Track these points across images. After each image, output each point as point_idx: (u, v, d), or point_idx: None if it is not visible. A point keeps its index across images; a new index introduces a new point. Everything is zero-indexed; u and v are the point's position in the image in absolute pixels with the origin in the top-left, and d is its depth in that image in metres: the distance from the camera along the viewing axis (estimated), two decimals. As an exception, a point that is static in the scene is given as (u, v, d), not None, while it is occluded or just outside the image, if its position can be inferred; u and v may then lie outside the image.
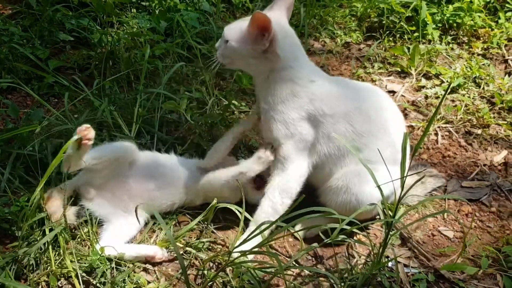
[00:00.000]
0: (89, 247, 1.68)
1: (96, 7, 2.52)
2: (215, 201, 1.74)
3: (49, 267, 1.56)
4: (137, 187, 1.79)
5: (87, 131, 1.60)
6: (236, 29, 1.72)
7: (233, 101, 2.38)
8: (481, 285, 1.69)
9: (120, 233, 1.72)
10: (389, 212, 1.60)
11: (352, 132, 1.72)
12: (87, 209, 1.76)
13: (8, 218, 1.68)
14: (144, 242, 1.76)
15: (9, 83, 2.42)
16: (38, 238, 1.62)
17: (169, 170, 1.86)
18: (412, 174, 1.69)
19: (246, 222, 1.72)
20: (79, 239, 1.71)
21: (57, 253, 1.61)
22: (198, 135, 2.09)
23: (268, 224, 1.55)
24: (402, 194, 1.53)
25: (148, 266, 1.66)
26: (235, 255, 1.57)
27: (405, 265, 1.75)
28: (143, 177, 1.81)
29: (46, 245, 1.59)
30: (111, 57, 2.62)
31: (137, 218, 1.69)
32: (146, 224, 1.82)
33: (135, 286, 1.56)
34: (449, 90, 2.65)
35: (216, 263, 1.70)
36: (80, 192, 1.78)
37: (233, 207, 1.71)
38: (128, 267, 1.63)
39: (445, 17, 3.16)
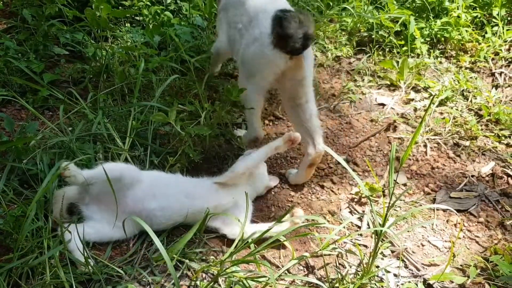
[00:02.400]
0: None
1: (91, 22, 2.56)
2: (208, 210, 1.77)
3: (44, 277, 1.57)
4: (135, 206, 1.80)
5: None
6: None
7: (223, 114, 2.40)
8: (470, 293, 1.72)
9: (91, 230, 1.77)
10: (378, 221, 1.63)
11: None
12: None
13: (2, 230, 1.69)
14: (137, 254, 1.78)
15: (4, 96, 2.44)
16: (34, 249, 1.64)
17: (175, 191, 1.88)
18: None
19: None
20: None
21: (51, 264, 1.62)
22: (188, 145, 2.12)
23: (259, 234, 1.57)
24: (390, 203, 1.56)
25: (141, 277, 1.68)
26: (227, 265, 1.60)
27: (395, 275, 1.78)
28: (144, 197, 1.82)
29: (42, 256, 1.61)
30: (106, 70, 2.65)
31: (124, 231, 1.76)
32: (138, 237, 1.85)
33: (128, 296, 1.57)
34: (437, 103, 2.70)
35: (209, 274, 1.72)
36: (77, 196, 1.84)
37: (232, 217, 1.74)
38: (121, 278, 1.64)
39: (433, 32, 3.23)
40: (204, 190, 1.91)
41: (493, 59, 3.13)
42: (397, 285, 1.74)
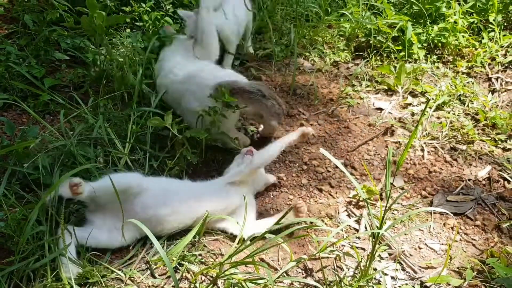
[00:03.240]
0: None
1: (87, 29, 2.57)
2: (207, 213, 1.79)
3: (44, 280, 1.59)
4: (144, 213, 1.79)
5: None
6: None
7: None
8: (466, 296, 1.74)
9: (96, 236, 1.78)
10: (376, 223, 1.65)
11: None
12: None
13: (3, 233, 1.71)
14: (137, 256, 1.80)
15: (5, 100, 2.46)
16: (35, 252, 1.66)
17: (185, 196, 1.90)
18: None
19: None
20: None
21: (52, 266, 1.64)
22: (186, 148, 2.14)
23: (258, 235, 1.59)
24: (387, 206, 1.58)
25: (141, 279, 1.69)
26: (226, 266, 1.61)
27: (392, 277, 1.80)
28: (154, 204, 1.83)
29: (43, 258, 1.63)
30: (106, 75, 2.67)
31: (123, 235, 1.77)
32: (138, 240, 1.87)
33: (128, 299, 1.59)
34: (434, 108, 2.73)
35: (208, 276, 1.73)
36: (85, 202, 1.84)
37: (230, 219, 1.76)
38: (121, 280, 1.66)
39: (430, 37, 3.25)
40: (214, 192, 1.94)
41: (489, 64, 3.15)
42: (395, 288, 1.76)
